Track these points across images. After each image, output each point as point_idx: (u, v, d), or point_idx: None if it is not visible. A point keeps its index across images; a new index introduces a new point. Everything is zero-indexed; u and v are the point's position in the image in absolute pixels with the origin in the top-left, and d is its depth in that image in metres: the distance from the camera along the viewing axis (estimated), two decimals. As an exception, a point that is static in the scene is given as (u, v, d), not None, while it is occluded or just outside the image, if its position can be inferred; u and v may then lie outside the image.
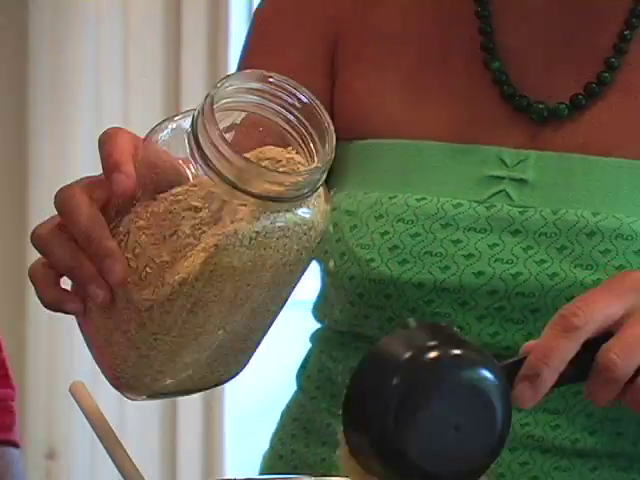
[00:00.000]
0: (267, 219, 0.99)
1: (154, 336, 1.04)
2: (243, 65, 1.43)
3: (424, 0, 1.40)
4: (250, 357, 1.13)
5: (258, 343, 1.12)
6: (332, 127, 1.02)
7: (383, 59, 1.38)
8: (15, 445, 1.53)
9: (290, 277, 1.05)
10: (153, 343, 1.04)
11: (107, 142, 1.04)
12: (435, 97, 1.35)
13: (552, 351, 0.97)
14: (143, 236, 1.02)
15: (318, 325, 1.47)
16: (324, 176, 1.00)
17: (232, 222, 0.99)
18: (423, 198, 1.25)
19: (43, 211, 4.22)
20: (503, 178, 1.29)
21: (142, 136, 1.08)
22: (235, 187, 0.97)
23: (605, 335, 1.00)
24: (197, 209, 1.00)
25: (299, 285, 1.09)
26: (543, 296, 1.25)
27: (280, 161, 1.01)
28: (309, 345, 1.49)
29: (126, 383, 1.09)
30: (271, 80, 1.03)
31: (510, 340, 1.26)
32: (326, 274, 1.37)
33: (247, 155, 0.98)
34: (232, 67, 3.36)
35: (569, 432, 1.27)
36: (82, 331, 1.11)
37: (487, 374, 0.95)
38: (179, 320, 1.03)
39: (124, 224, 1.05)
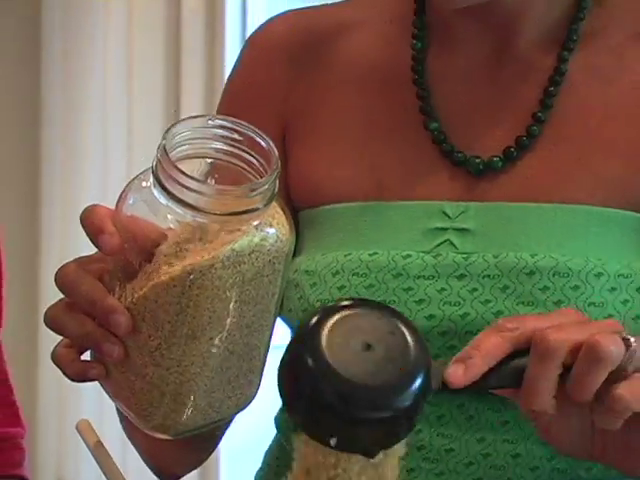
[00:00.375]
0: (236, 241, 1.04)
1: (169, 371, 1.08)
2: None
3: (368, 74, 1.44)
4: (260, 376, 1.15)
5: (263, 362, 1.15)
6: (272, 144, 1.07)
7: (333, 131, 1.43)
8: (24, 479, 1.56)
9: (270, 287, 1.09)
10: (170, 378, 1.08)
11: (87, 216, 1.08)
12: (382, 162, 1.39)
13: (483, 341, 1.02)
14: (138, 287, 1.07)
15: None
16: (275, 186, 1.04)
17: (206, 246, 1.04)
18: (375, 253, 1.29)
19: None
20: (447, 229, 1.33)
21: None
22: (197, 209, 1.02)
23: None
24: (176, 244, 1.05)
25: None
26: None
27: None
28: None
29: (159, 425, 1.12)
30: (210, 122, 1.09)
31: None
32: (292, 329, 1.40)
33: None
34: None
35: (528, 460, 1.29)
36: (107, 392, 1.15)
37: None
38: (185, 349, 1.07)
39: (120, 286, 1.10)
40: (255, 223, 1.05)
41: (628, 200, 1.32)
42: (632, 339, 1.01)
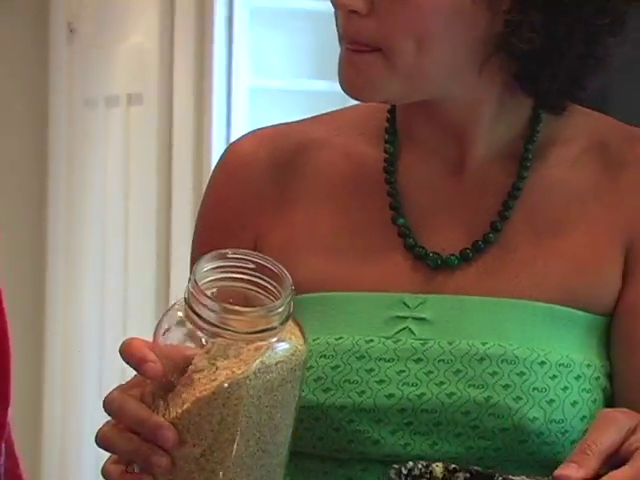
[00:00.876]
0: (263, 354, 1.11)
1: (214, 473, 1.15)
2: (195, 248, 1.52)
3: (339, 180, 1.48)
4: (284, 469, 1.21)
5: (286, 456, 1.21)
6: (285, 271, 1.14)
7: (307, 227, 1.46)
8: None
9: (293, 391, 1.16)
10: (215, 478, 1.15)
11: (127, 349, 1.14)
12: (351, 256, 1.43)
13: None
14: (180, 403, 1.13)
15: None
16: (290, 307, 1.11)
17: (237, 360, 1.12)
18: (340, 337, 1.33)
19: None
20: (407, 317, 1.37)
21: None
22: (226, 329, 1.10)
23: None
24: (205, 367, 1.13)
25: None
26: (444, 412, 1.33)
27: None
28: None
29: None
30: (229, 255, 1.17)
31: (419, 449, 1.33)
32: None
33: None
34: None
35: None
36: None
37: None
38: (226, 452, 1.14)
39: (163, 403, 1.16)
40: (275, 339, 1.12)
41: (571, 299, 1.37)
42: None
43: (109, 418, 1.17)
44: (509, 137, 1.44)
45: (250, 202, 1.51)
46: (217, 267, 1.18)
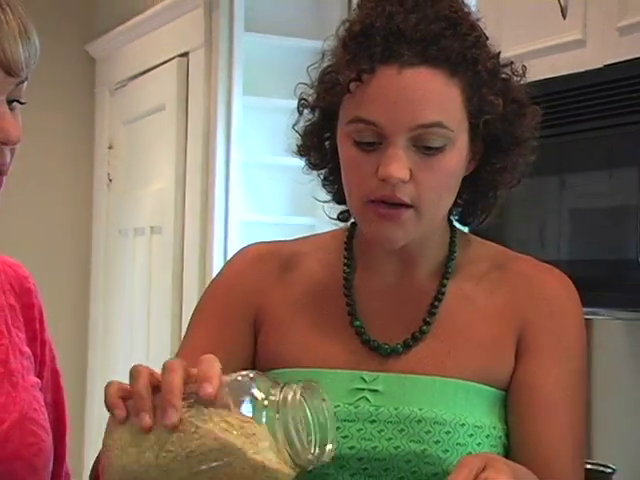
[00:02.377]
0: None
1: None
2: (189, 336, 1.52)
3: (314, 288, 1.50)
4: None
5: None
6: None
7: (287, 324, 1.47)
8: None
9: None
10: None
11: (204, 363, 1.09)
12: (323, 343, 1.44)
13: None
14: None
15: None
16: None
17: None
18: None
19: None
20: (364, 389, 1.39)
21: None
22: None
23: None
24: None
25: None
26: (391, 460, 1.34)
27: None
28: None
29: None
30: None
31: None
32: None
33: None
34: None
35: None
36: None
37: None
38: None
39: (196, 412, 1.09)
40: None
41: (481, 378, 1.40)
42: None
43: None
44: (436, 259, 1.47)
45: (252, 292, 1.50)
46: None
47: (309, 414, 1.11)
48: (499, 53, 1.42)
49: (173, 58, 4.13)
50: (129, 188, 4.60)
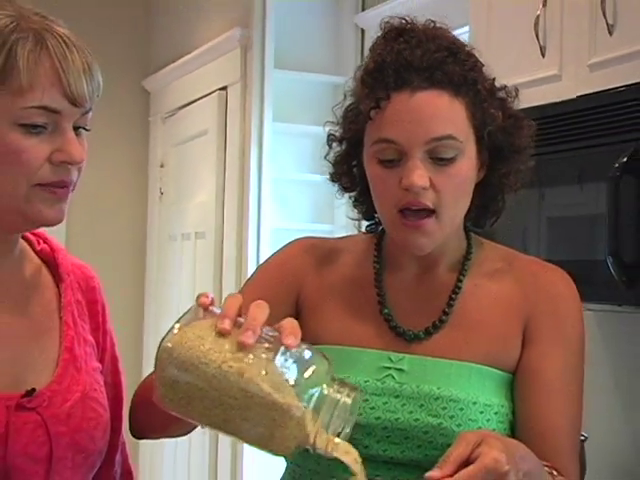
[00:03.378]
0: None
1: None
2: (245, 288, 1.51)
3: (349, 281, 1.49)
4: None
5: None
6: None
7: (325, 307, 1.47)
8: None
9: None
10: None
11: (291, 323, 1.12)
12: (357, 328, 1.43)
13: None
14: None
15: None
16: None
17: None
18: (348, 376, 1.29)
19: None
20: (390, 368, 1.38)
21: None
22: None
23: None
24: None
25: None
26: (411, 431, 1.33)
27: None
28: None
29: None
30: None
31: (392, 454, 1.34)
32: None
33: None
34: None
35: None
36: None
37: None
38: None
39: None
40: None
41: (492, 362, 1.38)
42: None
43: None
44: (454, 259, 1.45)
45: (298, 277, 1.50)
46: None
47: (348, 410, 1.08)
48: (494, 78, 1.42)
49: (214, 91, 4.15)
50: (177, 200, 4.62)
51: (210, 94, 4.20)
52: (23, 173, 1.18)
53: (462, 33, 2.92)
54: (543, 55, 2.29)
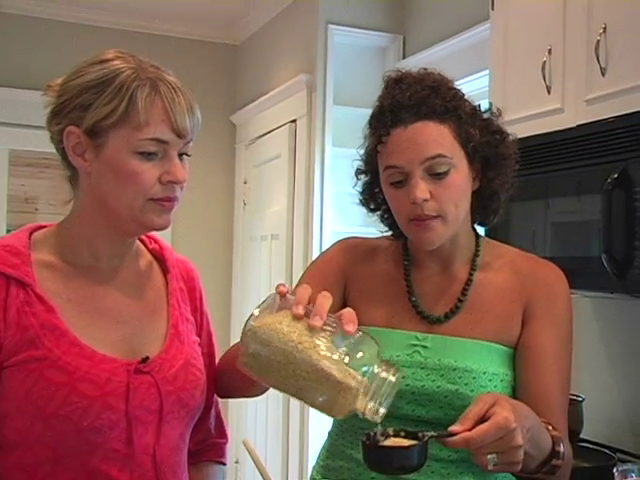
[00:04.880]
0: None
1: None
2: (302, 280, 1.48)
3: (385, 275, 1.47)
4: None
5: None
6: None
7: (367, 295, 1.45)
8: (224, 464, 1.49)
9: None
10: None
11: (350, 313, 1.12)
12: (390, 312, 1.42)
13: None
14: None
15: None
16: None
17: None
18: (383, 352, 1.23)
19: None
20: (417, 345, 1.37)
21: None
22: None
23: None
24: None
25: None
26: (434, 395, 1.32)
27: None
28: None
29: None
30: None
31: (419, 413, 1.33)
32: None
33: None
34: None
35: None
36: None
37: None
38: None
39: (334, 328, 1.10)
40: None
41: (498, 339, 1.37)
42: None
43: None
44: (466, 257, 1.44)
45: (344, 271, 1.48)
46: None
47: (392, 386, 1.08)
48: (479, 104, 1.42)
49: (286, 123, 4.13)
50: (257, 209, 4.62)
51: (283, 126, 4.18)
52: (139, 191, 1.20)
53: (483, 75, 2.91)
54: (549, 92, 2.27)
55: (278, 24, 4.37)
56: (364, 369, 1.06)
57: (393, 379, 1.07)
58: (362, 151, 1.46)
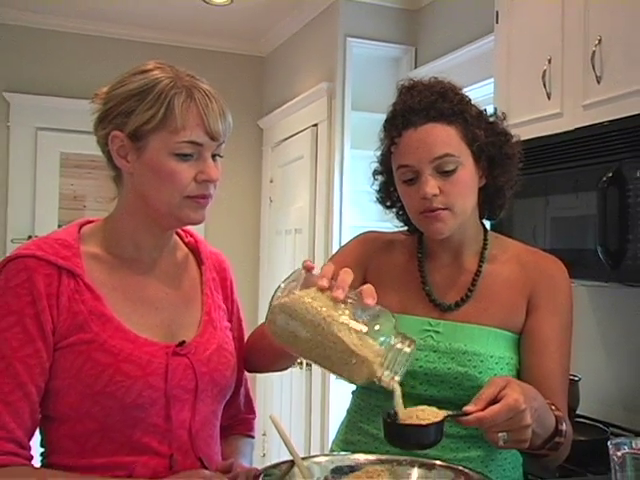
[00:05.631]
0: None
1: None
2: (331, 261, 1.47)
3: (401, 265, 1.45)
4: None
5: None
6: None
7: (384, 283, 1.41)
8: (253, 437, 1.49)
9: None
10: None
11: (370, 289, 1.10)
12: (404, 300, 1.40)
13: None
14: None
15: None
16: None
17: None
18: None
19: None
20: (430, 330, 1.35)
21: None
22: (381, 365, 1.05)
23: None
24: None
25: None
26: (445, 376, 1.30)
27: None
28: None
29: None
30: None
31: (431, 393, 1.31)
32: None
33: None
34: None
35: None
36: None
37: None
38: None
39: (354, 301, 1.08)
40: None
41: (504, 326, 1.36)
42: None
43: None
44: (475, 249, 1.42)
45: (364, 260, 1.46)
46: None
47: (407, 357, 1.07)
48: (485, 109, 1.40)
49: (308, 127, 4.12)
50: (282, 205, 4.60)
51: (305, 129, 4.17)
52: (177, 189, 1.20)
53: (488, 83, 2.89)
54: (549, 98, 2.26)
55: (301, 37, 4.36)
56: (381, 339, 1.05)
57: (408, 350, 1.06)
58: (378, 153, 1.45)
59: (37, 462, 1.17)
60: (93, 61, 4.44)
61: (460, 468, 1.10)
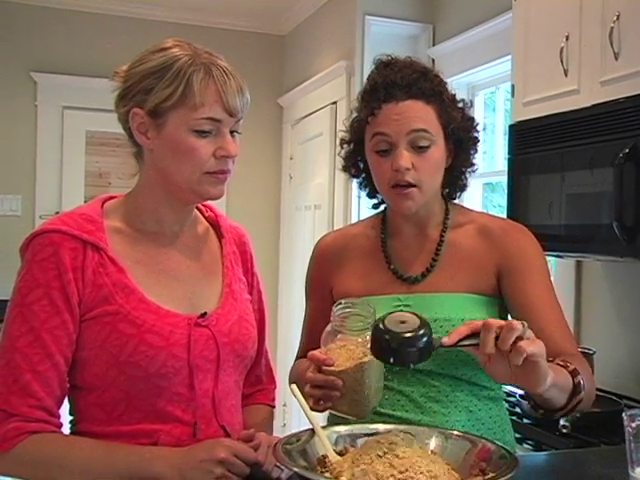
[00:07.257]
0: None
1: (361, 393, 1.18)
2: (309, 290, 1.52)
3: (366, 249, 1.46)
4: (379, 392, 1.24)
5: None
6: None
7: (352, 275, 1.44)
8: (273, 407, 1.49)
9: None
10: (362, 395, 1.18)
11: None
12: (371, 280, 1.41)
13: (461, 327, 1.09)
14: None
15: None
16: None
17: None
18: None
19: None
20: (400, 305, 1.35)
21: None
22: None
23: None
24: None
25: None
26: None
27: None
28: None
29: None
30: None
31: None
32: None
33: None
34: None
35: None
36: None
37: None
38: (367, 388, 1.18)
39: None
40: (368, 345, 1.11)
41: (473, 291, 1.36)
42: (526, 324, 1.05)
43: None
44: (438, 220, 1.43)
45: (324, 276, 1.48)
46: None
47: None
48: (455, 94, 1.42)
49: (327, 105, 4.11)
50: (302, 182, 4.60)
51: (324, 107, 4.16)
52: (196, 165, 1.20)
53: (506, 60, 2.85)
54: (566, 75, 2.24)
55: (320, 16, 4.35)
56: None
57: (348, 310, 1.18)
58: (347, 123, 1.46)
59: (66, 430, 1.19)
60: (116, 40, 4.44)
61: (475, 438, 1.09)
